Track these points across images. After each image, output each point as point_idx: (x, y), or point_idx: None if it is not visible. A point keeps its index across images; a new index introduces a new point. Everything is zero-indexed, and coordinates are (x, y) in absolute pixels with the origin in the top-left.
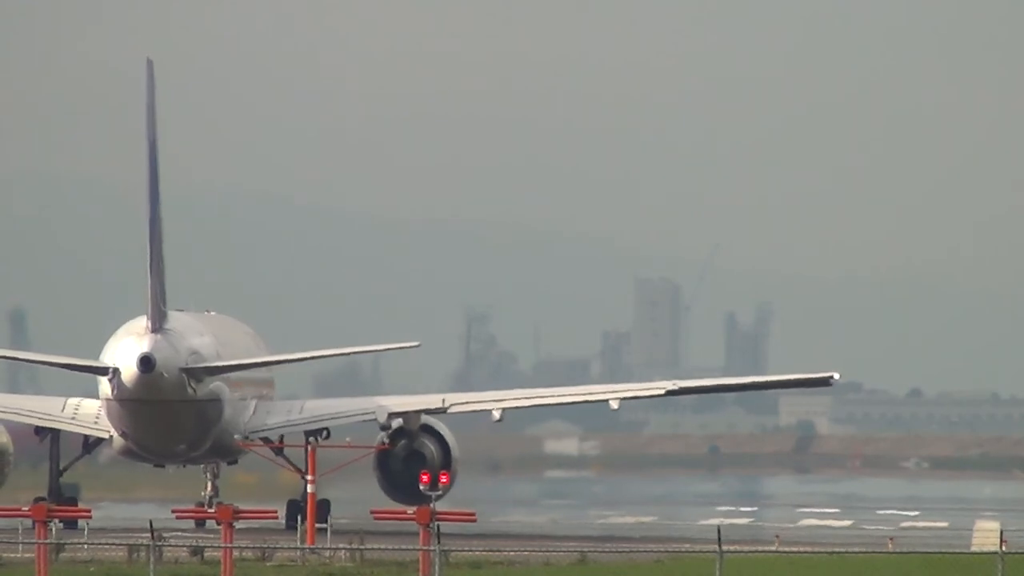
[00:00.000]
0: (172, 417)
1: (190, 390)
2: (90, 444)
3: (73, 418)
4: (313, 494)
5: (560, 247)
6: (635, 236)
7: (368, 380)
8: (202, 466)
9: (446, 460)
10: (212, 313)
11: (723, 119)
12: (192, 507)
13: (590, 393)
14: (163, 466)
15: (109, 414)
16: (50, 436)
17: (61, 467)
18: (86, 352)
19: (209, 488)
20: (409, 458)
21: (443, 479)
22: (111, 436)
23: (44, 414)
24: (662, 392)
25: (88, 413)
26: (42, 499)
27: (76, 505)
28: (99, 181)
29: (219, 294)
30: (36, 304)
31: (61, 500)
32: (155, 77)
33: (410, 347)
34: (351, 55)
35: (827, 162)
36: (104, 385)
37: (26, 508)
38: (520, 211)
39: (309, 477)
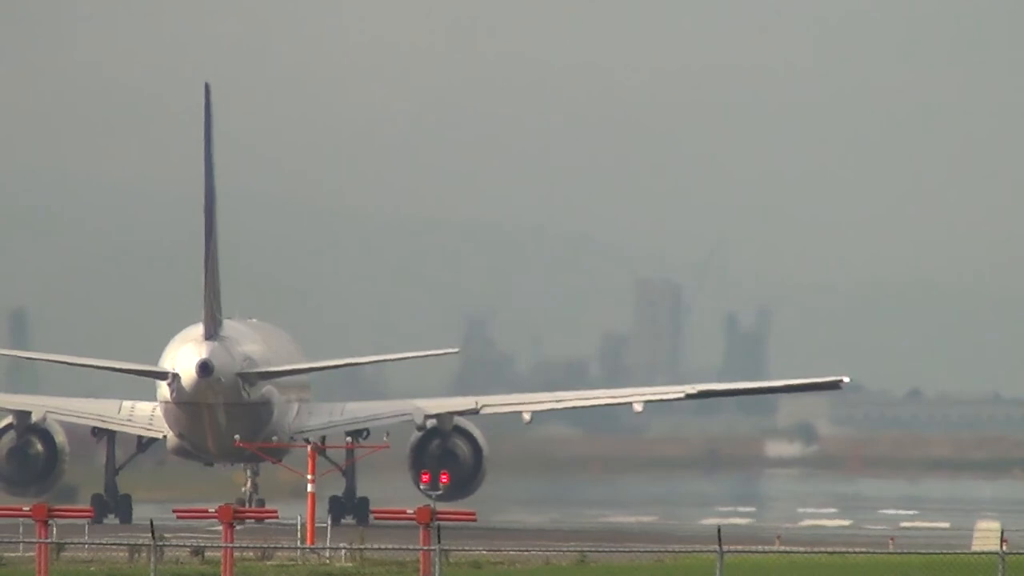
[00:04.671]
0: (228, 419)
1: (244, 393)
2: (144, 444)
3: (129, 420)
4: (313, 493)
5: (559, 247)
6: (635, 236)
7: (369, 381)
8: (242, 465)
9: (477, 460)
10: (254, 320)
11: (724, 119)
12: (194, 507)
13: (613, 396)
14: (212, 464)
15: (166, 416)
16: (106, 437)
17: (117, 466)
18: (88, 353)
19: (249, 485)
20: (442, 457)
21: (443, 479)
22: (164, 436)
23: (101, 416)
24: (682, 396)
25: (142, 415)
26: (99, 495)
27: (131, 504)
28: (104, 183)
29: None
30: (37, 304)
31: (117, 498)
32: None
33: (448, 353)
34: (352, 54)
35: (827, 162)
36: (163, 388)
37: (26, 508)
38: (519, 211)
39: (309, 477)
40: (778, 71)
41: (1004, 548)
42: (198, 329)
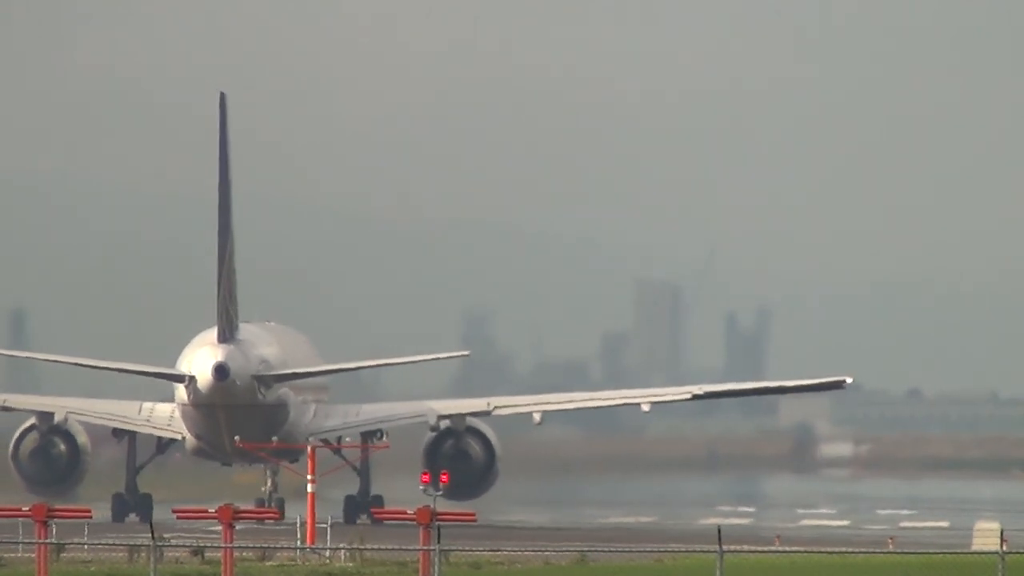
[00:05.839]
0: (244, 420)
1: (260, 395)
2: (163, 445)
3: (148, 421)
4: (313, 494)
5: (559, 248)
6: (635, 236)
7: (367, 383)
8: (262, 465)
9: (489, 460)
10: (272, 323)
11: (724, 119)
12: (192, 507)
13: (623, 398)
14: (230, 464)
15: (184, 417)
16: (127, 437)
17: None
18: (89, 354)
19: (269, 485)
20: (456, 458)
21: (443, 479)
22: (183, 437)
23: (122, 417)
24: (688, 396)
25: (162, 416)
26: (120, 495)
27: (151, 504)
28: (106, 184)
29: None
30: (37, 305)
31: (137, 497)
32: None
33: (459, 356)
34: (355, 56)
35: (827, 162)
36: (180, 391)
37: (26, 508)
38: (519, 212)
39: (310, 478)
40: (778, 72)
41: (1004, 548)
42: (215, 332)
